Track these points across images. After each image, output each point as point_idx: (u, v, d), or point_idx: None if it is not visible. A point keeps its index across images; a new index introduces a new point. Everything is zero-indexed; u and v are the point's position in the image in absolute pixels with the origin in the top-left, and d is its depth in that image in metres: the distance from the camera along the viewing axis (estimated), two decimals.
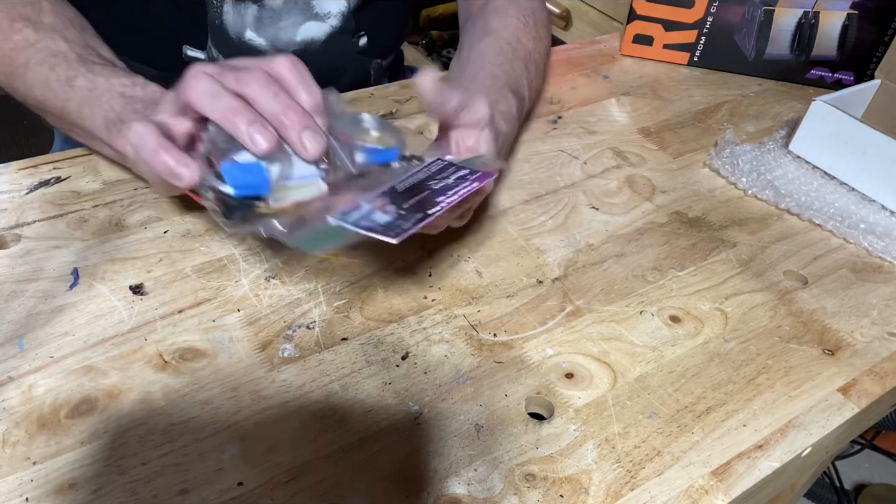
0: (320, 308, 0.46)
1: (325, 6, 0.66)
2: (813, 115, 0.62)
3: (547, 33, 0.67)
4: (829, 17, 0.73)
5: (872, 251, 0.55)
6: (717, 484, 0.38)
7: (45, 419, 0.38)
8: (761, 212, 0.58)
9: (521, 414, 0.40)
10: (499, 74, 0.56)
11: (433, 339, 0.44)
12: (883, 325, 0.48)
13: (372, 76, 0.74)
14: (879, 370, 0.45)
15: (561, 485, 0.37)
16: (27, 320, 0.43)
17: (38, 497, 0.34)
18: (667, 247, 0.53)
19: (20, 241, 0.48)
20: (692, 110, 0.71)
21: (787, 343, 0.46)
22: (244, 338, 0.43)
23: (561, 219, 0.55)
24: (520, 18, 0.63)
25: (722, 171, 0.62)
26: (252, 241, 0.50)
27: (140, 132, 0.38)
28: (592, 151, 0.63)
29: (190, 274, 0.47)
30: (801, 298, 0.50)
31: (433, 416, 0.40)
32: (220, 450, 0.37)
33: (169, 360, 0.41)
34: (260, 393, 0.40)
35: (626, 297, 0.49)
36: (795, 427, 0.41)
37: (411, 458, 0.38)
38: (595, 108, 0.70)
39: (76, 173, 0.54)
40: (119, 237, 0.49)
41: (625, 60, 0.80)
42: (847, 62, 0.75)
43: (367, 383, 0.41)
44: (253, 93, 0.37)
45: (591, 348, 0.45)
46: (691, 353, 0.45)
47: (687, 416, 0.41)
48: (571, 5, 1.36)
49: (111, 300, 0.45)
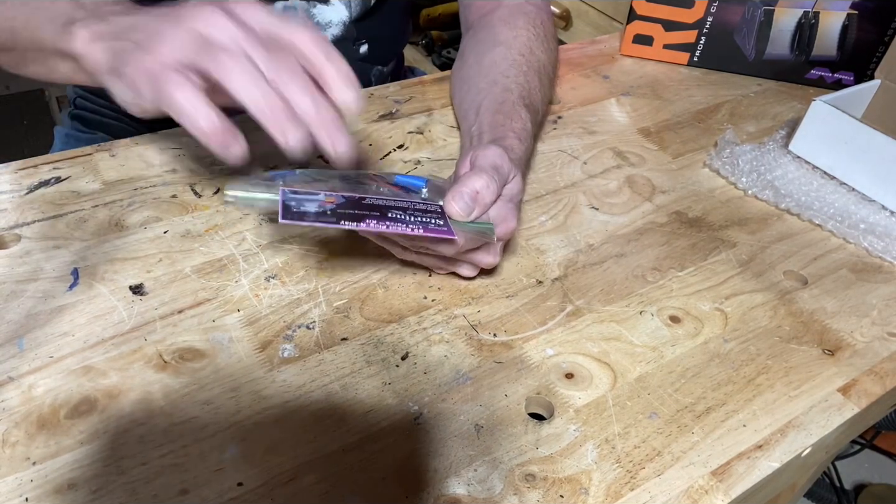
0: (320, 308, 0.46)
1: (325, 15, 0.66)
2: (813, 115, 0.62)
3: (556, 44, 0.67)
4: (829, 17, 0.73)
5: (872, 251, 0.55)
6: (717, 484, 0.38)
7: (45, 419, 0.38)
8: (761, 212, 0.58)
9: (521, 414, 0.40)
10: (512, 88, 0.56)
11: (433, 340, 0.44)
12: (883, 325, 0.48)
13: (373, 83, 0.75)
14: (879, 370, 0.45)
15: (561, 485, 0.37)
16: (27, 320, 0.43)
17: (38, 497, 0.34)
18: (667, 247, 0.53)
19: (20, 241, 0.48)
20: (692, 110, 0.71)
21: (787, 343, 0.46)
22: (244, 338, 0.43)
23: (561, 219, 0.55)
24: (530, 29, 0.63)
25: (722, 171, 0.62)
26: (252, 241, 0.50)
27: (189, 96, 0.35)
28: (592, 151, 0.63)
29: (190, 274, 0.47)
30: (801, 298, 0.50)
31: (433, 417, 0.40)
32: (220, 450, 0.37)
33: (169, 361, 0.41)
34: (260, 393, 0.40)
35: (626, 297, 0.49)
36: (795, 427, 0.41)
37: (411, 458, 0.38)
38: (595, 108, 0.70)
39: (76, 173, 0.54)
40: (119, 237, 0.49)
41: (625, 60, 0.80)
42: (847, 62, 0.75)
43: (366, 383, 0.41)
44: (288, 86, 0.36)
45: (591, 348, 0.45)
46: (691, 353, 0.45)
47: (687, 417, 0.41)
48: (571, 5, 1.36)
49: (111, 300, 0.45)
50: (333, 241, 0.50)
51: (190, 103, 0.35)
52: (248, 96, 0.36)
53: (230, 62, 0.35)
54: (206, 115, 0.35)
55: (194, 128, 0.36)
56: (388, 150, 0.61)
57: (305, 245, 0.50)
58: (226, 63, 0.35)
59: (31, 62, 0.49)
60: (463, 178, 0.43)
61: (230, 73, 0.35)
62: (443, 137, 0.63)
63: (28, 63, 0.49)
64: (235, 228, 0.51)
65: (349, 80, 0.38)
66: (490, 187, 0.43)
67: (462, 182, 0.43)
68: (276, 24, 0.38)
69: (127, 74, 0.38)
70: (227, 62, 0.35)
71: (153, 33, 0.37)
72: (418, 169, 0.59)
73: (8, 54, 0.50)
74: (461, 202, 0.42)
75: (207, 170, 0.56)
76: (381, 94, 0.68)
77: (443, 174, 0.58)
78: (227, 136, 0.36)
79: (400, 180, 0.46)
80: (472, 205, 0.43)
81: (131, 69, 0.37)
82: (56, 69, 0.47)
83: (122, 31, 0.41)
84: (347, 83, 0.38)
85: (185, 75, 0.36)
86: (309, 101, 0.36)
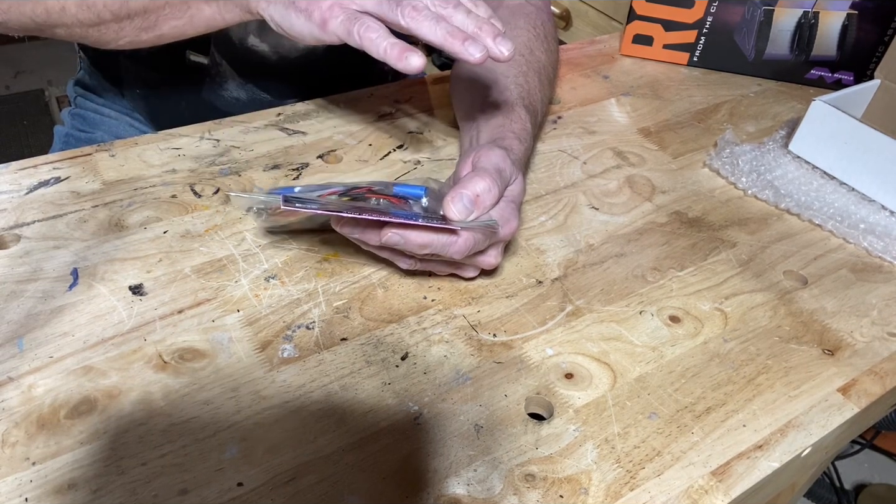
0: (320, 308, 0.46)
1: None
2: (813, 115, 0.62)
3: (556, 44, 0.67)
4: (828, 17, 0.73)
5: (872, 251, 0.55)
6: (716, 484, 0.38)
7: (45, 419, 0.38)
8: (761, 212, 0.58)
9: (520, 414, 0.40)
10: (511, 88, 0.56)
11: (433, 340, 0.44)
12: (883, 325, 0.48)
13: (373, 83, 0.74)
14: (879, 370, 0.45)
15: (560, 485, 0.37)
16: (27, 320, 0.43)
17: (38, 497, 0.34)
18: (667, 247, 0.53)
19: (20, 242, 0.48)
20: (692, 110, 0.71)
21: (786, 343, 0.46)
22: (244, 338, 0.43)
23: (561, 219, 0.55)
24: (530, 29, 0.63)
25: (722, 171, 0.62)
26: (251, 241, 0.50)
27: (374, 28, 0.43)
28: (592, 151, 0.63)
29: (189, 274, 0.47)
30: (800, 298, 0.50)
31: (433, 417, 0.40)
32: (220, 450, 0.37)
33: (168, 361, 0.41)
34: (260, 393, 0.40)
35: (625, 297, 0.49)
36: (795, 427, 0.41)
37: (411, 458, 0.38)
38: (595, 108, 0.70)
39: (76, 173, 0.54)
40: (118, 237, 0.49)
41: (625, 60, 0.80)
42: (847, 62, 0.75)
43: (366, 383, 0.41)
44: (453, 17, 0.44)
45: (591, 348, 0.45)
46: (691, 353, 0.45)
47: (687, 417, 0.41)
48: (571, 5, 1.36)
49: (111, 300, 0.45)
50: (333, 241, 0.50)
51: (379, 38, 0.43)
52: (435, 36, 0.43)
53: (417, 14, 0.43)
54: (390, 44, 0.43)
55: (379, 51, 0.43)
56: (388, 150, 0.61)
57: (305, 245, 0.50)
58: (414, 15, 0.43)
59: (166, 18, 0.52)
60: (464, 179, 0.44)
61: (421, 22, 0.43)
62: (443, 137, 0.63)
63: (162, 22, 0.52)
64: (235, 228, 0.51)
65: (494, 17, 0.46)
66: (492, 191, 0.44)
67: (463, 184, 0.43)
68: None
69: (314, 13, 0.45)
70: (415, 15, 0.43)
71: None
72: (418, 169, 0.59)
73: (142, 18, 0.51)
74: (460, 204, 0.42)
75: (207, 170, 0.56)
76: (381, 94, 0.68)
77: (443, 174, 0.58)
78: (405, 50, 0.43)
79: (399, 190, 0.47)
80: (471, 207, 0.43)
81: (318, 12, 0.45)
82: (198, 17, 0.51)
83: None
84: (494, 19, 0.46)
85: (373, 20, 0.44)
86: (473, 24, 0.44)
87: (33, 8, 0.51)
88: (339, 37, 0.45)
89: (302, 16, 0.46)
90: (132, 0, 0.50)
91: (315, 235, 0.51)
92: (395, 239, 0.41)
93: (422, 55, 0.42)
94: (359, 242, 0.45)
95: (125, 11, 0.51)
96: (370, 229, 0.42)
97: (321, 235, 0.51)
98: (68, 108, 0.79)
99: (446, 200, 0.43)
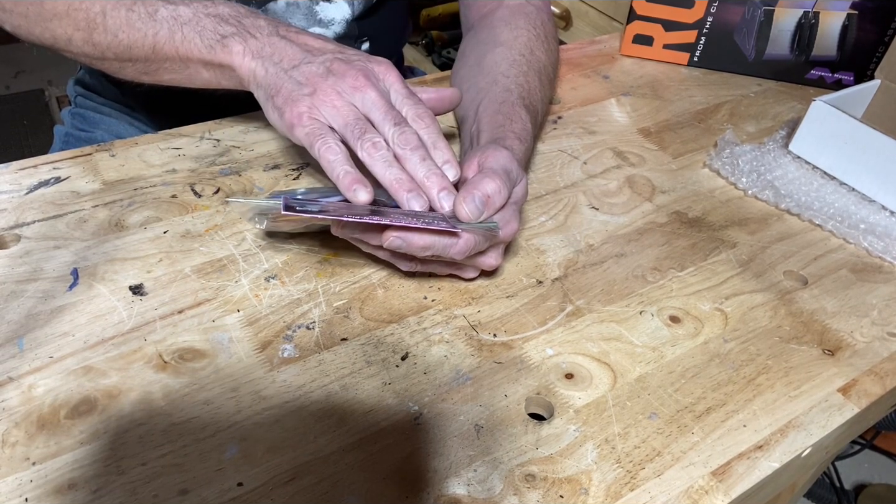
0: (320, 308, 0.46)
1: (328, 13, 0.66)
2: (813, 115, 0.62)
3: (556, 45, 0.67)
4: (829, 18, 0.73)
5: (872, 251, 0.55)
6: (717, 484, 0.38)
7: (45, 419, 0.38)
8: (761, 212, 0.58)
9: (520, 414, 0.40)
10: (512, 89, 0.56)
11: (433, 340, 0.44)
12: (883, 325, 0.48)
13: None
14: (879, 370, 0.45)
15: (561, 485, 0.37)
16: (27, 320, 0.43)
17: (38, 497, 0.34)
18: (667, 247, 0.53)
19: (20, 242, 0.48)
20: (692, 110, 0.71)
21: (787, 343, 0.46)
22: (244, 338, 0.43)
23: (561, 219, 0.55)
24: (530, 29, 0.63)
25: (722, 172, 0.62)
26: (251, 241, 0.50)
27: (334, 150, 0.45)
28: (592, 151, 0.63)
29: (190, 274, 0.47)
30: (801, 298, 0.50)
31: (433, 417, 0.40)
32: (220, 450, 0.37)
33: (169, 361, 0.41)
34: (260, 393, 0.40)
35: (626, 297, 0.49)
36: (795, 427, 0.41)
37: (411, 458, 0.38)
38: (595, 108, 0.70)
39: (76, 173, 0.54)
40: (119, 237, 0.49)
41: (625, 60, 0.80)
42: (847, 62, 0.75)
43: (366, 383, 0.41)
44: (408, 159, 0.45)
45: (591, 348, 0.45)
46: (691, 353, 0.45)
47: (687, 417, 0.41)
48: (571, 5, 1.36)
49: (111, 300, 0.45)
50: (333, 242, 0.50)
51: (336, 162, 0.44)
52: (384, 179, 0.44)
53: (374, 152, 0.44)
54: (344, 171, 0.44)
55: (333, 174, 0.44)
56: None
57: (305, 245, 0.50)
58: (371, 152, 0.44)
59: (166, 71, 0.53)
60: (474, 180, 0.44)
61: (374, 161, 0.44)
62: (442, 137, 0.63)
63: (162, 72, 0.53)
64: (235, 228, 0.51)
65: (450, 163, 0.46)
66: (502, 192, 0.44)
67: (474, 184, 0.43)
68: (406, 96, 0.48)
69: (285, 114, 0.47)
70: (372, 152, 0.44)
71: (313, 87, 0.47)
72: None
73: (143, 64, 0.53)
74: (472, 205, 0.42)
75: (208, 170, 0.56)
76: None
77: None
78: (355, 182, 0.44)
79: None
80: (483, 208, 0.43)
81: (289, 114, 0.46)
82: (196, 77, 0.53)
83: (275, 53, 0.49)
84: (448, 166, 0.46)
85: (335, 140, 0.45)
86: (423, 171, 0.44)
87: (41, 32, 0.54)
88: (302, 144, 0.46)
89: (276, 113, 0.48)
90: (134, 48, 0.51)
91: (315, 235, 0.51)
92: (397, 242, 0.41)
93: (370, 191, 0.43)
94: (359, 244, 0.45)
95: (127, 56, 0.52)
96: (370, 231, 0.43)
97: (321, 235, 0.51)
98: (68, 107, 0.79)
99: (457, 201, 0.43)
